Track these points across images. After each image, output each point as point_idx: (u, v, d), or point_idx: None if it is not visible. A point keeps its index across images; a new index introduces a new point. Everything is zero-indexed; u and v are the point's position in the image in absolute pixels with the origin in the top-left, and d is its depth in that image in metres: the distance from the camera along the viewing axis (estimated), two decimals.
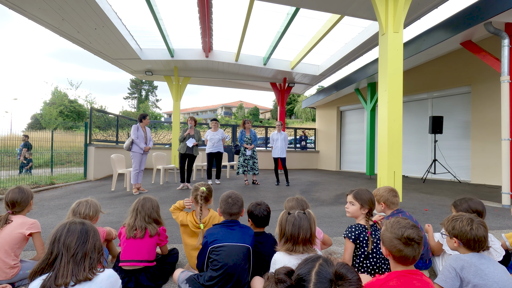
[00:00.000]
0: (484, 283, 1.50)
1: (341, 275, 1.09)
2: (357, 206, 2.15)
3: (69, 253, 1.28)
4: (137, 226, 2.21)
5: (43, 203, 5.04)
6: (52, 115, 29.78)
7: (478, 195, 5.91)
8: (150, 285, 2.15)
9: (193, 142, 6.53)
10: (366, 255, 2.02)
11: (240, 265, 1.87)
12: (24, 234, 2.14)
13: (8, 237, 2.09)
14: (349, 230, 2.10)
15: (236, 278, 1.86)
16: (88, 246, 1.33)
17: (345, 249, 2.09)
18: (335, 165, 13.20)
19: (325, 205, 5.14)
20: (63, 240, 1.29)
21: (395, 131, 4.56)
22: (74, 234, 1.33)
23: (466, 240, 1.63)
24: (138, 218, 2.26)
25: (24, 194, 2.28)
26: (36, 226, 2.23)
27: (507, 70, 5.10)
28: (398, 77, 4.60)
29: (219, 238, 1.93)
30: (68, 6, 5.97)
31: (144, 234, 2.21)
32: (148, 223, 2.27)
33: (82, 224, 1.39)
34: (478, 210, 2.18)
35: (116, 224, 3.66)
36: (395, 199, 2.43)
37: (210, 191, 2.41)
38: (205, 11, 6.68)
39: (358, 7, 5.74)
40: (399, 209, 2.43)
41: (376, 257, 2.03)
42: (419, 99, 9.94)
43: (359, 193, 2.18)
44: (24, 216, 2.26)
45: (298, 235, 1.68)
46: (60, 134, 9.54)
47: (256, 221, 2.23)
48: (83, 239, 1.33)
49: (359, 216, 2.16)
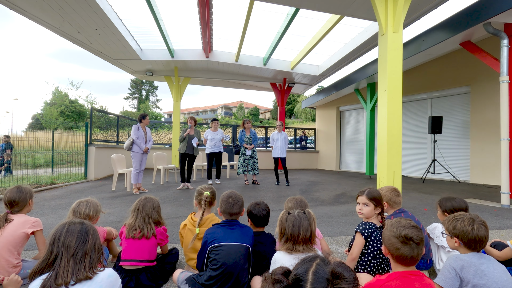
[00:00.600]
0: (483, 283, 1.51)
1: (337, 274, 1.09)
2: (371, 207, 2.11)
3: (69, 252, 1.28)
4: (137, 226, 2.21)
5: (44, 203, 5.05)
6: (53, 115, 29.91)
7: (478, 195, 5.93)
8: (151, 284, 2.14)
9: (196, 142, 6.56)
10: (375, 255, 2.02)
11: (239, 264, 1.88)
12: (26, 232, 2.15)
13: (11, 236, 2.10)
14: (363, 226, 2.06)
15: (235, 278, 1.87)
16: (88, 246, 1.34)
17: (355, 245, 2.06)
18: (334, 165, 13.22)
19: (324, 205, 5.16)
20: (63, 240, 1.30)
21: (394, 131, 4.57)
22: (74, 234, 1.33)
23: (468, 240, 1.62)
24: (138, 218, 2.25)
25: (22, 194, 2.27)
26: (38, 224, 2.24)
27: (506, 70, 5.12)
28: (398, 77, 4.61)
29: (219, 238, 1.94)
30: (68, 7, 5.98)
31: (144, 234, 2.20)
32: (148, 223, 2.26)
33: (81, 224, 1.39)
34: (462, 208, 2.23)
35: (116, 223, 3.68)
36: (398, 198, 2.42)
37: (213, 195, 2.41)
38: (205, 11, 6.70)
39: (357, 7, 5.75)
40: (401, 209, 2.43)
41: (383, 257, 2.04)
42: (418, 99, 9.97)
43: (372, 193, 2.13)
44: (25, 215, 2.26)
45: (298, 234, 1.69)
46: (60, 134, 9.57)
47: (255, 221, 2.24)
48: (82, 239, 1.34)
49: (372, 216, 2.13)
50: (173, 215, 4.26)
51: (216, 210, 2.31)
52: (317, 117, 14.90)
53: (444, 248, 2.20)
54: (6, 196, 2.25)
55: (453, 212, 2.19)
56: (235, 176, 9.29)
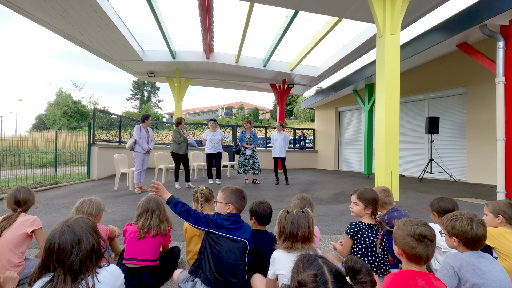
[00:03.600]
0: (482, 281, 1.51)
1: (355, 269, 1.07)
2: (361, 206, 2.16)
3: (65, 268, 1.25)
4: (153, 226, 2.24)
5: (48, 202, 5.10)
6: (56, 115, 30.12)
7: (474, 194, 6.02)
8: (153, 283, 2.16)
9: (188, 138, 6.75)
10: (364, 252, 2.04)
11: (235, 260, 1.89)
12: (27, 232, 2.16)
13: (11, 237, 2.11)
14: (349, 227, 2.16)
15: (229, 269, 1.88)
16: (83, 253, 1.29)
17: (343, 245, 2.17)
18: (333, 165, 13.32)
19: (323, 204, 5.22)
20: (56, 256, 1.26)
21: (392, 131, 4.63)
22: (66, 246, 1.26)
23: (467, 239, 1.63)
24: (154, 217, 2.28)
25: (31, 194, 2.33)
26: (37, 223, 2.25)
27: (502, 72, 5.17)
28: (395, 78, 4.67)
29: (228, 229, 1.93)
30: (72, 9, 6.06)
31: (155, 234, 2.23)
32: (162, 221, 2.32)
33: (73, 233, 1.30)
34: (448, 208, 2.26)
35: (119, 222, 3.73)
36: (388, 198, 2.48)
37: (210, 191, 2.42)
38: (206, 14, 6.78)
39: (356, 10, 5.83)
40: (394, 208, 2.48)
41: (375, 256, 2.04)
42: (415, 100, 10.06)
43: (363, 193, 2.18)
44: (24, 214, 2.27)
45: (296, 233, 1.71)
46: (64, 134, 9.67)
47: (259, 219, 2.25)
48: (76, 248, 1.28)
49: (364, 215, 2.17)
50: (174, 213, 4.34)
51: (215, 209, 2.24)
52: (316, 118, 14.99)
53: (439, 249, 2.20)
54: (20, 196, 2.27)
55: (442, 212, 2.26)
56: (235, 175, 9.37)
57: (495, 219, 2.16)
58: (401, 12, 4.67)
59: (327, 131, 13.95)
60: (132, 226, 2.31)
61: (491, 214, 2.19)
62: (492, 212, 2.19)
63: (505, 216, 2.13)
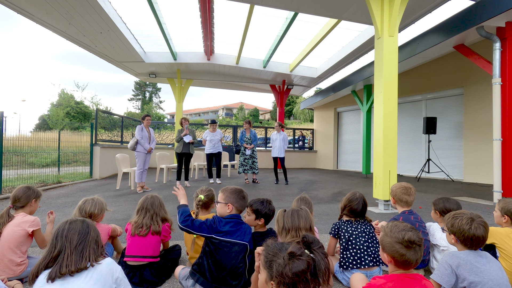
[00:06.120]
0: (479, 280, 1.53)
1: (309, 241, 1.37)
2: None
3: (71, 245, 1.38)
4: (144, 224, 2.24)
5: (50, 201, 5.15)
6: (59, 116, 30.25)
7: (471, 193, 6.09)
8: (154, 280, 2.18)
9: (189, 139, 6.67)
10: (345, 246, 2.15)
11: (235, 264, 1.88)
12: (27, 231, 2.17)
13: (11, 236, 2.12)
14: (331, 227, 2.34)
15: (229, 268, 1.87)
16: (89, 238, 1.44)
17: (328, 245, 2.38)
18: (332, 165, 13.40)
19: (322, 203, 5.29)
20: (66, 235, 1.41)
21: (390, 132, 4.67)
22: (76, 229, 1.43)
23: (463, 238, 1.65)
24: (147, 216, 2.29)
25: (28, 191, 2.32)
26: (36, 223, 2.27)
27: (498, 73, 5.23)
28: (393, 79, 4.70)
29: (228, 233, 1.90)
30: (74, 11, 6.13)
31: (149, 232, 2.24)
32: (155, 220, 2.30)
33: (82, 221, 1.48)
34: (452, 209, 2.25)
35: (121, 221, 3.80)
36: (405, 196, 2.40)
37: (209, 198, 2.38)
38: (207, 15, 6.86)
39: (354, 11, 5.89)
40: (411, 211, 2.40)
41: (356, 249, 2.12)
42: (413, 101, 10.14)
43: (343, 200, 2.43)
44: (25, 214, 2.28)
45: (299, 223, 1.80)
46: (66, 135, 9.71)
47: (268, 220, 2.22)
48: (84, 233, 1.43)
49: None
50: (175, 212, 4.39)
51: (215, 210, 2.22)
52: (315, 118, 15.07)
53: (438, 247, 2.25)
54: (12, 193, 2.34)
55: (445, 212, 2.25)
56: (236, 175, 9.44)
57: (501, 217, 2.19)
58: (399, 14, 4.69)
59: (326, 131, 14.04)
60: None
61: (499, 212, 2.22)
62: (500, 210, 2.21)
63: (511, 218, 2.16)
